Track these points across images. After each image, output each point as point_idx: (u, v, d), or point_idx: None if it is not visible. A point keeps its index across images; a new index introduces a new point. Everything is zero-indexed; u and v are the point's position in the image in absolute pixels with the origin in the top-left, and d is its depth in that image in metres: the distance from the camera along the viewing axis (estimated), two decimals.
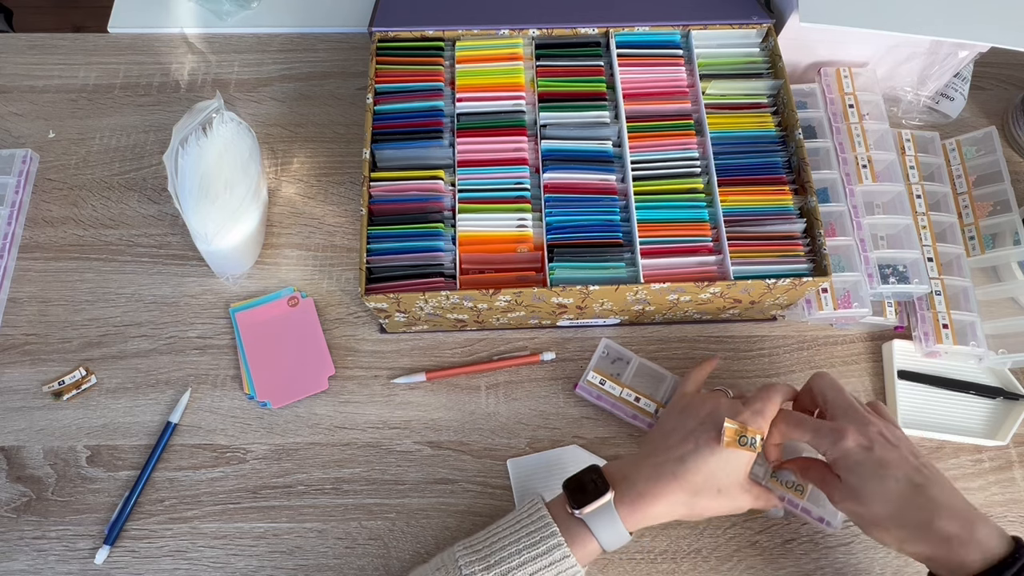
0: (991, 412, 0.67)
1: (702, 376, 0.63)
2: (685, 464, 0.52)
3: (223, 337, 0.70)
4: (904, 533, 0.50)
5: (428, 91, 0.69)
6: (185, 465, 0.65)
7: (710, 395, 0.58)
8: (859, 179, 0.69)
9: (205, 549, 0.62)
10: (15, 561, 0.62)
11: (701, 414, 0.55)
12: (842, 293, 0.66)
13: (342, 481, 0.64)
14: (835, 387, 0.56)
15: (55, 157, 0.77)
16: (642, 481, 0.52)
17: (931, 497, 0.50)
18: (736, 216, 0.63)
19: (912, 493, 0.50)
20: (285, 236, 0.74)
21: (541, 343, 0.70)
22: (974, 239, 0.71)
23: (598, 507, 0.51)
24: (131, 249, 0.73)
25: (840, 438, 0.52)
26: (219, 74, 0.82)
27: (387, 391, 0.68)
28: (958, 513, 0.49)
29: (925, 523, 0.49)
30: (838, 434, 0.52)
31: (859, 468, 0.51)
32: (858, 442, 0.52)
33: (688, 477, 0.52)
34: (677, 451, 0.53)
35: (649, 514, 0.51)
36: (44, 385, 0.67)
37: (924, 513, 0.49)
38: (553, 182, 0.65)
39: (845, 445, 0.52)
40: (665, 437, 0.55)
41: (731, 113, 0.68)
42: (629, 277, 0.61)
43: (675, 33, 0.71)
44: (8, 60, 0.82)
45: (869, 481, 0.51)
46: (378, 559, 0.62)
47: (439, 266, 0.62)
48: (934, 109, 0.79)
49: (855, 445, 0.51)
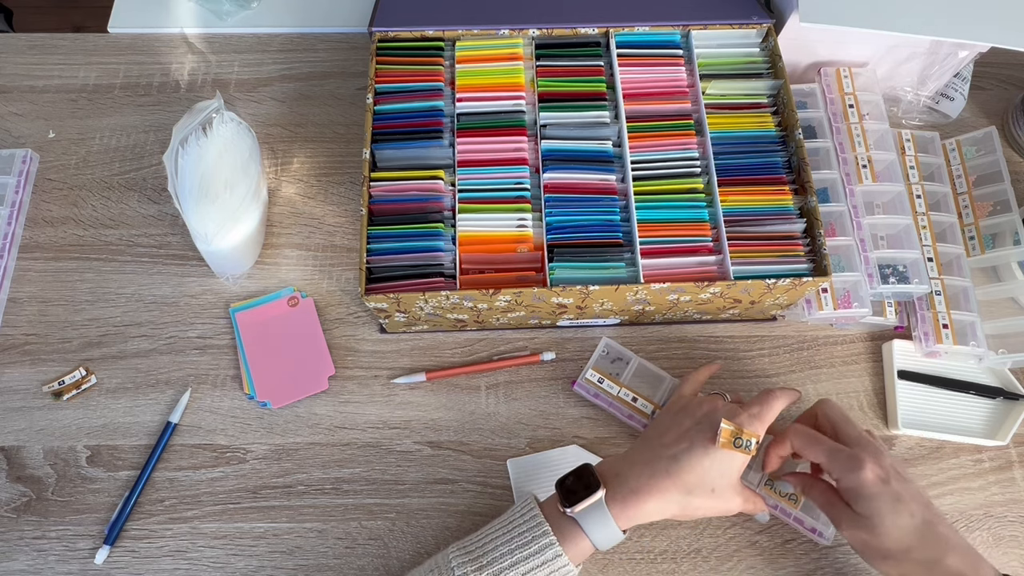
0: (991, 412, 0.67)
1: (701, 379, 0.63)
2: (679, 462, 0.52)
3: (223, 337, 0.70)
4: (912, 568, 0.51)
5: (428, 91, 0.69)
6: (185, 465, 0.65)
7: (707, 398, 0.58)
8: (859, 179, 0.69)
9: (205, 549, 0.62)
10: (15, 561, 0.62)
11: (698, 414, 0.55)
12: (842, 293, 0.66)
13: (342, 481, 0.64)
14: (844, 416, 0.56)
15: (55, 157, 0.77)
16: (634, 478, 0.52)
17: (941, 534, 0.51)
18: (736, 216, 0.63)
19: (924, 530, 0.50)
20: (285, 236, 0.74)
21: (541, 343, 0.70)
22: (974, 239, 0.71)
23: (589, 505, 0.51)
24: (131, 249, 0.73)
25: (857, 467, 0.52)
26: (219, 74, 0.82)
27: (387, 391, 0.68)
28: (965, 552, 0.50)
29: (935, 560, 0.50)
30: (855, 462, 0.52)
31: (875, 500, 0.51)
32: (876, 474, 0.52)
33: (682, 475, 0.52)
34: (671, 449, 0.53)
35: (641, 511, 0.51)
36: (44, 385, 0.67)
37: (935, 551, 0.50)
38: (553, 182, 0.65)
39: (863, 476, 0.51)
40: (660, 435, 0.55)
41: (731, 113, 0.68)
42: (629, 277, 0.61)
43: (675, 33, 0.71)
44: (8, 60, 0.82)
45: (885, 515, 0.51)
46: (378, 559, 0.62)
47: (439, 266, 0.62)
48: (934, 109, 0.79)
49: (874, 477, 0.51)
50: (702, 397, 0.59)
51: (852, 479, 0.52)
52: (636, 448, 0.56)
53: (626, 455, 0.55)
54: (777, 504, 0.62)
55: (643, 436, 0.58)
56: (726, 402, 0.57)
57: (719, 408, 0.55)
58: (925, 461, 0.66)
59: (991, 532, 0.63)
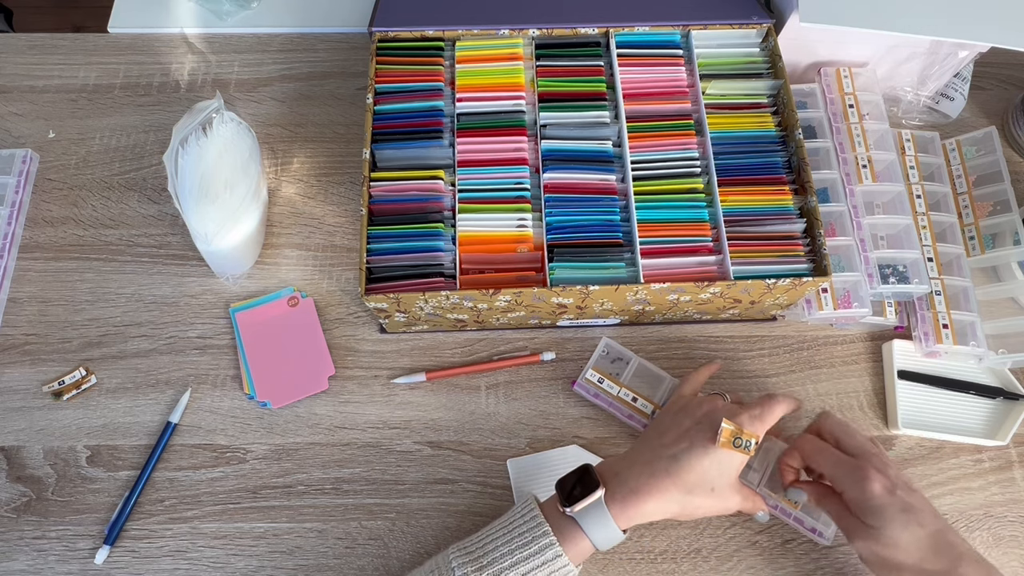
0: (991, 412, 0.67)
1: (701, 379, 0.63)
2: (679, 462, 0.52)
3: (223, 337, 0.70)
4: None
5: (428, 91, 0.69)
6: (185, 465, 0.65)
7: (707, 398, 0.58)
8: (859, 179, 0.69)
9: (205, 549, 0.62)
10: (15, 561, 0.62)
11: (698, 414, 0.55)
12: (842, 293, 0.66)
13: (342, 481, 0.64)
14: (845, 427, 0.56)
15: (55, 157, 0.77)
16: (634, 478, 0.52)
17: (951, 543, 0.50)
18: (736, 216, 0.63)
19: (936, 539, 0.50)
20: (285, 236, 0.74)
21: (541, 343, 0.70)
22: (974, 239, 0.71)
23: (589, 504, 0.51)
24: (131, 249, 0.73)
25: (863, 478, 0.52)
26: (219, 74, 0.82)
27: (387, 391, 0.68)
28: (978, 561, 0.50)
29: (948, 571, 0.49)
30: (860, 473, 0.52)
31: (884, 512, 0.51)
32: (882, 484, 0.51)
33: (681, 475, 0.51)
34: (671, 449, 0.53)
35: (641, 511, 0.51)
36: (44, 385, 0.67)
37: (947, 560, 0.50)
38: (553, 182, 0.65)
39: (870, 488, 0.51)
40: (660, 435, 0.55)
41: (731, 113, 0.68)
42: (629, 277, 0.61)
43: (675, 33, 0.71)
44: (8, 60, 0.82)
45: (895, 527, 0.51)
46: (378, 559, 0.62)
47: (439, 266, 0.62)
48: (934, 109, 0.79)
49: (880, 488, 0.51)
50: (702, 397, 0.59)
51: (858, 491, 0.52)
52: (636, 448, 0.56)
53: (626, 455, 0.55)
54: (777, 504, 0.62)
55: (643, 436, 0.58)
56: (726, 402, 0.57)
57: (719, 408, 0.55)
58: (925, 461, 0.66)
59: (991, 532, 0.63)
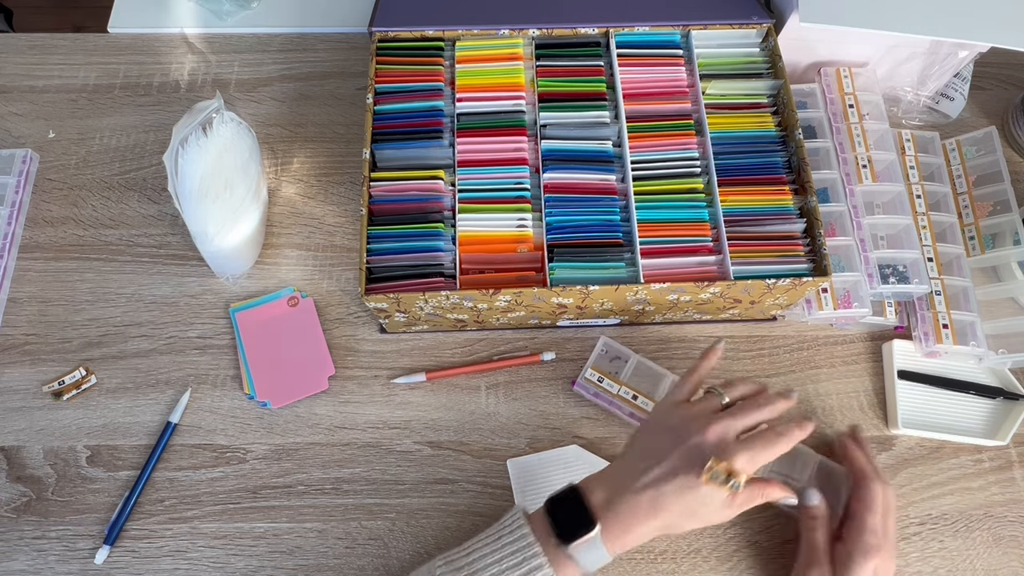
0: (991, 412, 0.67)
1: (700, 378, 0.58)
2: (665, 497, 0.50)
3: (223, 337, 0.70)
4: None
5: (428, 91, 0.69)
6: (185, 465, 0.65)
7: (701, 411, 0.54)
8: (859, 179, 0.69)
9: (205, 549, 0.62)
10: (15, 561, 0.62)
11: (687, 442, 0.52)
12: (842, 293, 0.66)
13: (342, 481, 0.64)
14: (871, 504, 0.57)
15: (55, 157, 0.77)
16: (625, 512, 0.51)
17: None
18: (736, 216, 0.63)
19: None
20: (285, 236, 0.74)
21: (541, 343, 0.70)
22: (974, 239, 0.71)
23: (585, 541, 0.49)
24: (131, 249, 0.73)
25: (864, 555, 0.55)
26: (219, 74, 0.82)
27: (387, 391, 0.68)
28: None
29: None
30: (866, 549, 0.55)
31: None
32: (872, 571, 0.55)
33: (667, 508, 0.50)
34: (656, 485, 0.51)
35: (629, 541, 0.51)
36: (44, 385, 0.67)
37: None
38: (553, 182, 0.65)
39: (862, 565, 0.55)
40: (644, 456, 0.53)
41: (731, 113, 0.68)
42: (629, 277, 0.61)
43: (675, 33, 0.71)
44: (8, 60, 0.82)
45: None
46: (378, 559, 0.62)
47: (439, 266, 0.62)
48: (934, 109, 0.79)
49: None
50: (695, 410, 0.55)
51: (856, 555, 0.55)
52: (623, 467, 0.53)
53: (613, 476, 0.53)
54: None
55: (631, 446, 0.55)
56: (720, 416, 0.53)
57: (710, 435, 0.52)
58: (925, 461, 0.66)
59: (991, 532, 0.63)
